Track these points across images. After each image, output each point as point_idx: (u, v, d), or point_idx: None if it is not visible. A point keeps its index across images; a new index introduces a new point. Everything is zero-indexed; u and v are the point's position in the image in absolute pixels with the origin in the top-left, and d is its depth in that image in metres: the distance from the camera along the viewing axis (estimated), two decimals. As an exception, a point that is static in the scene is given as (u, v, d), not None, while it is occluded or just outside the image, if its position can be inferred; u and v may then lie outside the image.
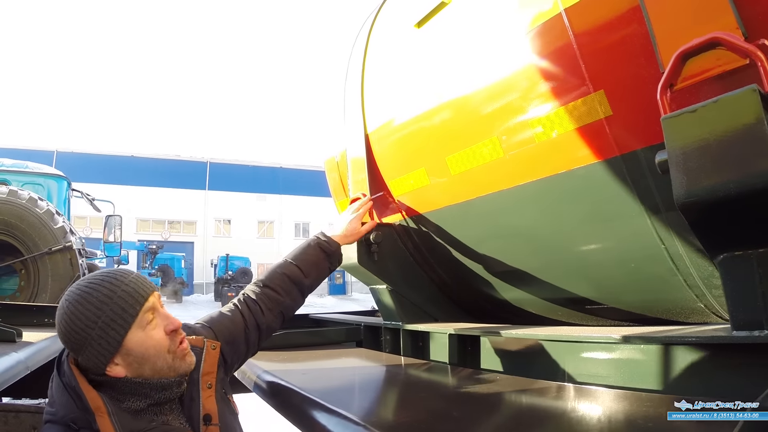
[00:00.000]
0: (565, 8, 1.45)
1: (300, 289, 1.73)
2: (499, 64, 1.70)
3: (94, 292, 1.14)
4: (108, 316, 1.12)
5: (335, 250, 1.87)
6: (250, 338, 1.54)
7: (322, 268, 1.82)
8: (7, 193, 4.69)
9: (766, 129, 0.98)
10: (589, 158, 1.50)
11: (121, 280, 1.17)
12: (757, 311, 1.11)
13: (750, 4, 1.14)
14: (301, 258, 1.77)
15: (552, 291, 2.00)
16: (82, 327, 1.11)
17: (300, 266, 1.73)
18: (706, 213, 1.10)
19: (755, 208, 1.04)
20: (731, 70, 1.14)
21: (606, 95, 1.40)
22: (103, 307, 1.12)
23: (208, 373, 1.30)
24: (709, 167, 1.05)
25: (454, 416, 1.28)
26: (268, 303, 1.62)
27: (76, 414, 1.10)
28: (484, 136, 1.78)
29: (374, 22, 2.60)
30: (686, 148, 1.08)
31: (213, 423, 1.24)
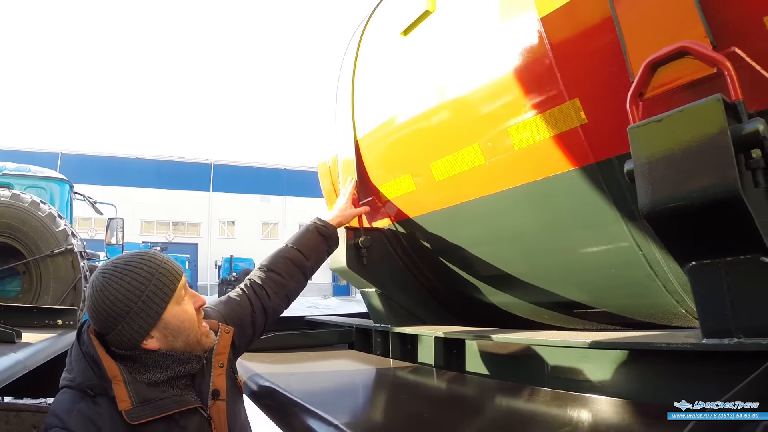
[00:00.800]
0: (541, 17, 1.47)
1: (303, 272, 1.80)
2: (479, 72, 1.72)
3: (135, 269, 1.23)
4: (151, 290, 1.21)
5: (332, 232, 1.95)
6: (256, 322, 1.61)
7: (321, 251, 1.90)
8: (10, 197, 4.73)
9: (729, 139, 0.99)
10: (566, 165, 1.52)
11: (159, 258, 1.28)
12: (726, 319, 1.12)
13: (719, 13, 1.15)
14: (302, 242, 1.85)
15: (537, 295, 2.02)
16: (125, 302, 1.19)
17: (301, 250, 1.81)
18: (671, 223, 1.11)
19: (719, 218, 1.05)
20: (700, 79, 1.16)
21: (581, 103, 1.42)
22: (146, 282, 1.22)
23: (221, 353, 1.38)
24: (674, 177, 1.06)
25: (426, 417, 1.31)
26: (274, 287, 1.69)
27: (93, 381, 1.18)
28: (465, 142, 1.80)
29: (365, 30, 2.63)
30: (651, 158, 1.09)
31: (221, 398, 1.32)
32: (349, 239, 2.38)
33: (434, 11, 1.96)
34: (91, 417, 1.15)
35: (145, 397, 1.19)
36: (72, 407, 1.16)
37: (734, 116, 1.07)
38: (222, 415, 1.31)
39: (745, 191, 1.02)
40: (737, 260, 1.09)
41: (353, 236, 2.40)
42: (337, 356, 2.59)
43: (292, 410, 1.49)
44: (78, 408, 1.16)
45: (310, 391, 1.74)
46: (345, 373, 2.33)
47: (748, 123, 1.02)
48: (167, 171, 34.67)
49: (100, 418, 1.15)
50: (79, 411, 1.15)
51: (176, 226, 34.76)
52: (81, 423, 1.13)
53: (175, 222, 34.68)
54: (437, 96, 1.92)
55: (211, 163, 36.58)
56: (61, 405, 1.18)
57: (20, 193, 4.86)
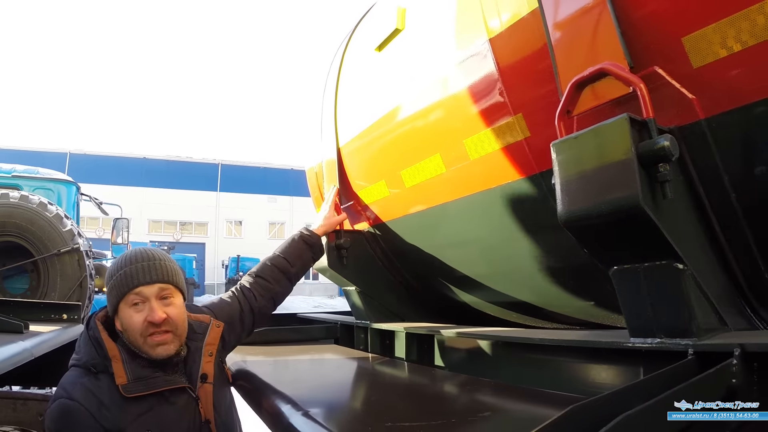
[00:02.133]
0: (490, 39, 1.61)
1: (288, 277, 1.99)
2: (439, 86, 1.86)
3: (125, 258, 1.45)
4: (116, 280, 1.42)
5: (316, 241, 2.14)
6: (245, 320, 1.81)
7: (306, 257, 2.08)
8: (19, 198, 4.87)
9: (633, 155, 1.11)
10: (515, 175, 1.65)
11: (139, 260, 1.45)
12: (648, 321, 1.24)
13: (640, 35, 1.27)
14: (287, 251, 2.04)
15: (499, 296, 2.16)
16: (107, 278, 1.45)
17: (286, 258, 2.00)
18: (586, 232, 1.23)
19: (630, 228, 1.16)
20: (621, 98, 1.27)
21: (524, 118, 1.56)
22: (116, 272, 1.43)
23: (210, 344, 1.58)
24: (586, 190, 1.18)
25: (375, 402, 1.45)
26: (261, 290, 1.88)
27: (96, 360, 1.38)
28: (429, 152, 1.95)
29: (348, 44, 2.78)
30: (568, 172, 1.21)
31: (208, 381, 1.50)
32: (330, 241, 2.53)
33: (403, 29, 2.10)
34: (92, 389, 1.34)
35: (140, 375, 1.38)
36: (77, 381, 1.36)
37: (647, 133, 1.19)
38: (209, 396, 1.49)
39: (655, 203, 1.15)
40: (653, 266, 1.21)
41: (334, 238, 2.55)
42: (319, 350, 2.73)
43: (263, 392, 1.64)
44: (82, 382, 1.35)
45: (282, 377, 1.90)
46: (317, 361, 2.49)
47: (657, 140, 1.14)
48: (175, 171, 34.87)
49: (100, 391, 1.34)
50: (83, 384, 1.35)
51: (184, 226, 34.94)
52: (83, 394, 1.32)
53: (183, 222, 34.86)
54: (405, 108, 2.06)
55: (218, 163, 36.72)
56: (67, 379, 1.38)
57: (29, 194, 5.01)
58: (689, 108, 1.24)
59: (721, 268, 1.38)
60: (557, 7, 1.38)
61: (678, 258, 1.18)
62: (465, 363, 2.01)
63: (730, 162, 1.25)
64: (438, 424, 1.21)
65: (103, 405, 1.32)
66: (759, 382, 1.08)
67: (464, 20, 1.75)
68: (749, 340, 1.11)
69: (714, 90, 1.21)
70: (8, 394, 2.99)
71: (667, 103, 1.27)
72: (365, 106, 2.42)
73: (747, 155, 1.25)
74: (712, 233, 1.34)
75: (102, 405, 1.32)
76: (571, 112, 1.35)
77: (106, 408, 1.32)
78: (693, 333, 1.18)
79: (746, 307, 1.45)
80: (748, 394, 1.05)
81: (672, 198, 1.16)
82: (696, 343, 1.15)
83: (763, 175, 1.24)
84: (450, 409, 1.36)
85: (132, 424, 1.33)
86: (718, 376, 1.05)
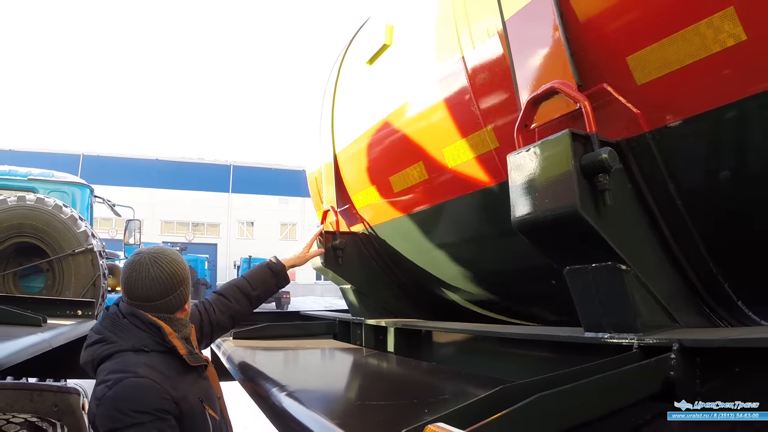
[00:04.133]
0: (463, 56, 1.75)
1: (248, 300, 2.17)
2: (421, 99, 2.01)
3: (176, 255, 1.68)
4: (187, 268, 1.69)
5: (280, 270, 2.31)
6: (204, 329, 2.00)
7: (270, 284, 2.26)
8: (35, 201, 5.03)
9: (573, 168, 1.24)
10: (488, 182, 1.80)
11: None
12: (598, 317, 1.35)
13: (589, 55, 1.40)
14: (252, 275, 2.25)
15: (483, 296, 2.30)
16: (182, 272, 1.65)
17: (249, 281, 2.20)
18: (537, 236, 1.35)
19: (572, 232, 1.28)
20: (571, 113, 1.40)
21: (494, 130, 1.70)
22: (184, 262, 1.69)
23: (193, 337, 1.78)
24: (534, 198, 1.30)
25: (353, 385, 1.59)
26: (221, 306, 2.08)
27: (147, 341, 1.53)
28: (413, 160, 2.09)
29: (344, 57, 2.94)
30: (520, 181, 1.34)
31: (210, 364, 1.74)
32: (327, 242, 2.69)
33: (391, 45, 2.25)
34: (152, 365, 1.48)
35: (189, 350, 1.61)
36: (137, 361, 1.48)
37: (591, 145, 1.31)
38: (215, 377, 1.73)
39: (597, 210, 1.27)
40: (600, 266, 1.33)
41: (331, 239, 2.70)
42: (316, 344, 2.89)
43: (255, 377, 1.81)
44: (141, 361, 1.48)
45: (275, 365, 2.07)
46: (311, 353, 2.65)
47: (598, 152, 1.26)
48: (187, 172, 35.20)
49: (160, 366, 1.50)
50: (144, 363, 1.49)
51: (196, 227, 35.27)
52: (147, 370, 1.46)
53: (195, 222, 35.18)
54: (392, 118, 2.21)
55: (230, 164, 36.99)
56: (124, 364, 1.47)
57: (44, 197, 5.18)
58: (635, 122, 1.37)
59: (674, 270, 1.49)
60: (518, 29, 1.52)
61: (621, 260, 1.29)
62: (448, 355, 2.15)
63: (675, 171, 1.37)
64: (401, 403, 1.36)
65: (166, 376, 1.48)
66: (702, 376, 1.17)
67: (441, 38, 1.89)
68: (693, 336, 1.21)
69: (656, 105, 1.33)
70: (25, 385, 3.16)
71: (615, 117, 1.39)
72: (358, 115, 2.57)
73: (689, 165, 1.36)
74: (663, 238, 1.46)
75: (165, 376, 1.48)
76: (529, 126, 1.48)
77: (168, 378, 1.48)
78: (638, 329, 1.29)
79: (705, 306, 1.55)
80: (687, 388, 1.14)
81: (612, 205, 1.28)
82: (640, 338, 1.25)
83: (705, 184, 1.37)
84: (417, 393, 1.49)
85: (189, 392, 1.52)
86: (655, 368, 1.14)
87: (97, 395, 1.42)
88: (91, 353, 1.54)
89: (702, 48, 1.22)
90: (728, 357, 1.13)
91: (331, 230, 2.74)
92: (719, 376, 1.15)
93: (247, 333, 2.96)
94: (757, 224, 1.39)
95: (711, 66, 1.22)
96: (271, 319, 3.62)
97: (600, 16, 1.38)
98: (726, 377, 1.14)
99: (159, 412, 1.40)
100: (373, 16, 2.76)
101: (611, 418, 1.03)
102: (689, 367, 1.17)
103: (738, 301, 1.53)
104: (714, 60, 1.21)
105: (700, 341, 1.16)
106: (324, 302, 25.97)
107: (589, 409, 0.99)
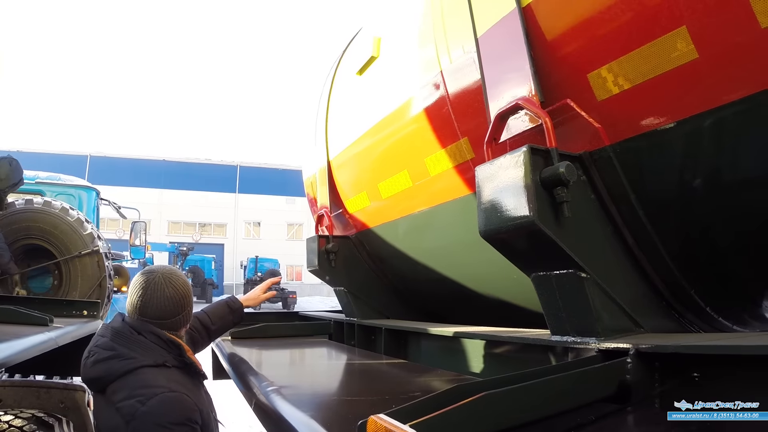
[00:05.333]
0: (441, 70, 1.84)
1: (207, 333, 2.30)
2: (405, 110, 2.10)
3: (185, 278, 1.78)
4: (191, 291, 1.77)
5: (238, 307, 2.45)
6: None
7: (227, 320, 2.40)
8: (42, 203, 5.13)
9: (531, 182, 1.29)
10: (465, 190, 1.88)
11: None
12: (562, 321, 1.42)
13: (552, 72, 1.48)
14: (212, 310, 2.38)
15: (470, 298, 2.37)
16: (189, 293, 1.75)
17: (210, 316, 2.33)
18: (502, 245, 1.42)
19: (532, 241, 1.35)
20: (536, 127, 1.46)
21: (469, 142, 1.78)
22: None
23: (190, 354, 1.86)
24: (497, 209, 1.37)
25: (335, 383, 1.68)
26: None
27: (167, 357, 1.62)
28: (399, 168, 2.18)
29: (338, 66, 3.04)
30: (486, 192, 1.41)
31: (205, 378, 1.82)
32: (321, 246, 2.78)
33: (378, 57, 2.34)
34: (177, 380, 1.59)
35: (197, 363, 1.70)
36: (163, 377, 1.56)
37: (550, 159, 1.38)
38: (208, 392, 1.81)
39: (557, 221, 1.33)
40: (561, 274, 1.39)
41: (324, 243, 2.80)
42: (309, 344, 2.98)
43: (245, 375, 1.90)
44: (166, 376, 1.57)
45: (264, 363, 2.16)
46: (302, 352, 2.75)
47: (556, 166, 1.32)
48: (194, 173, 35.39)
49: (181, 381, 1.60)
50: (169, 378, 1.56)
51: (203, 227, 35.42)
52: (176, 385, 1.55)
53: (202, 223, 35.34)
54: (379, 127, 2.30)
55: (237, 165, 37.16)
56: (153, 379, 1.54)
57: (51, 199, 5.29)
58: (596, 136, 1.45)
59: (639, 278, 1.56)
60: (488, 46, 1.60)
61: (580, 268, 1.36)
62: (435, 356, 2.22)
63: (636, 183, 1.44)
64: (373, 399, 1.45)
65: (189, 390, 1.59)
66: (660, 379, 1.22)
67: (423, 52, 1.98)
68: (650, 342, 1.25)
69: (616, 120, 1.41)
70: (33, 383, 3.27)
71: (578, 131, 1.47)
72: (349, 123, 2.67)
73: (650, 177, 1.43)
74: (626, 246, 1.53)
75: (188, 389, 1.59)
76: (498, 140, 1.55)
77: (190, 391, 1.59)
78: (599, 333, 1.35)
79: (674, 312, 1.62)
80: (643, 391, 1.19)
81: (570, 216, 1.35)
82: (600, 342, 1.31)
83: (666, 195, 1.43)
84: (393, 390, 1.58)
85: (203, 404, 1.62)
86: (611, 371, 1.19)
87: (128, 411, 1.46)
88: (105, 369, 1.57)
89: (657, 65, 1.28)
90: (685, 362, 1.17)
91: (325, 234, 2.83)
92: (676, 380, 1.19)
93: (245, 333, 3.06)
94: (718, 235, 1.45)
95: (666, 83, 1.28)
96: (270, 320, 3.72)
97: (562, 35, 1.46)
98: (682, 381, 1.18)
99: (192, 423, 1.52)
100: (364, 27, 2.85)
101: (562, 416, 1.08)
102: (647, 371, 1.22)
103: (706, 307, 1.59)
104: (669, 77, 1.27)
105: (655, 347, 1.21)
106: (330, 302, 26.01)
107: (534, 409, 1.03)
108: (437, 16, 1.91)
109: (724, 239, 1.46)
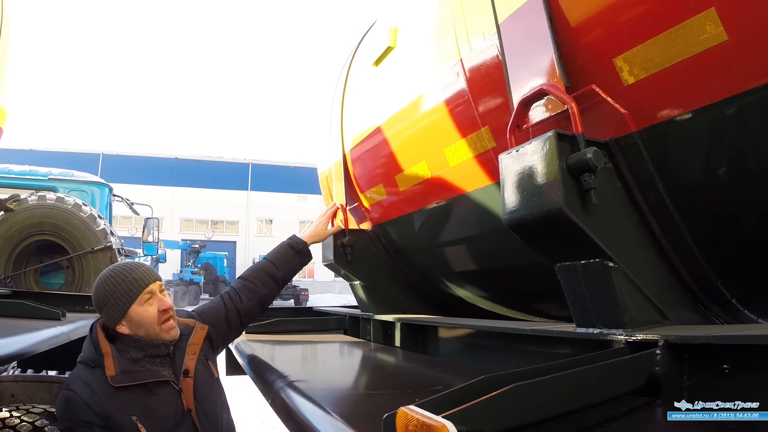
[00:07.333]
0: (461, 59, 1.80)
1: (275, 281, 2.14)
2: (423, 100, 2.06)
3: (114, 275, 1.66)
4: (120, 292, 1.64)
5: (303, 248, 2.28)
6: (231, 321, 1.99)
7: (294, 263, 2.23)
8: (56, 200, 5.15)
9: (557, 168, 1.26)
10: (486, 181, 1.84)
11: (133, 269, 1.69)
12: (588, 313, 1.38)
13: (577, 57, 1.44)
14: (275, 256, 2.20)
15: (487, 291, 2.34)
16: (104, 296, 1.65)
17: (274, 262, 2.17)
18: (527, 233, 1.38)
19: (559, 229, 1.31)
20: (560, 113, 1.43)
21: (491, 131, 1.74)
22: (118, 286, 1.64)
23: (195, 344, 1.79)
24: (523, 197, 1.34)
25: (352, 377, 1.66)
26: (247, 293, 2.05)
27: (94, 356, 1.61)
28: (417, 159, 2.15)
29: (353, 59, 3.01)
30: (510, 180, 1.38)
31: (189, 376, 1.70)
32: (336, 239, 2.75)
33: (395, 47, 2.31)
34: (87, 381, 1.57)
35: (126, 369, 1.61)
36: (76, 375, 1.60)
37: (577, 145, 1.34)
38: (190, 390, 1.68)
39: (584, 208, 1.29)
40: (588, 264, 1.35)
41: (340, 236, 2.77)
42: (326, 338, 2.96)
43: (261, 370, 1.88)
44: (80, 375, 1.60)
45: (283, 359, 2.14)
46: (319, 347, 2.72)
47: (583, 152, 1.29)
48: (206, 171, 35.64)
49: (94, 383, 1.56)
50: (80, 377, 1.59)
51: (215, 225, 35.61)
52: (80, 385, 1.57)
53: (214, 220, 35.55)
54: (396, 118, 2.27)
55: (249, 162, 37.32)
56: (71, 375, 1.63)
57: (64, 196, 5.31)
58: (623, 122, 1.40)
59: (665, 268, 1.51)
60: (510, 32, 1.56)
61: (608, 257, 1.32)
62: (452, 350, 2.19)
63: (663, 170, 1.40)
64: (394, 393, 1.42)
65: (95, 393, 1.55)
66: (689, 372, 1.18)
67: (441, 41, 1.94)
68: (679, 333, 1.21)
69: (643, 105, 1.36)
70: (45, 378, 3.30)
71: (604, 117, 1.42)
72: (365, 116, 2.64)
73: (677, 164, 1.39)
74: (653, 236, 1.48)
75: (94, 393, 1.54)
76: (521, 127, 1.51)
77: (97, 396, 1.54)
78: (626, 325, 1.31)
79: (699, 304, 1.57)
80: (673, 383, 1.16)
81: (598, 204, 1.31)
82: (629, 334, 1.27)
83: (694, 183, 1.39)
84: (413, 384, 1.55)
85: (119, 410, 1.55)
86: (640, 363, 1.15)
87: None
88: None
89: (684, 49, 1.24)
90: (715, 354, 1.14)
91: (341, 227, 2.80)
92: (706, 372, 1.16)
93: (260, 328, 3.05)
94: (746, 224, 1.40)
95: (694, 67, 1.24)
96: (283, 315, 3.70)
97: (588, 19, 1.41)
98: (712, 374, 1.15)
99: (82, 424, 1.52)
100: (380, 18, 2.81)
101: (592, 409, 1.05)
102: (676, 363, 1.19)
103: (732, 299, 1.54)
104: (696, 61, 1.23)
105: (684, 338, 1.17)
106: (343, 299, 26.09)
107: (564, 401, 1.01)
108: (456, 3, 1.88)
109: (753, 229, 1.41)
